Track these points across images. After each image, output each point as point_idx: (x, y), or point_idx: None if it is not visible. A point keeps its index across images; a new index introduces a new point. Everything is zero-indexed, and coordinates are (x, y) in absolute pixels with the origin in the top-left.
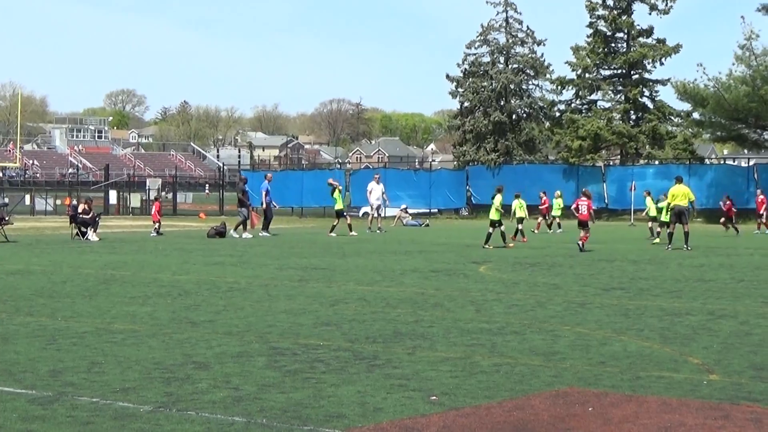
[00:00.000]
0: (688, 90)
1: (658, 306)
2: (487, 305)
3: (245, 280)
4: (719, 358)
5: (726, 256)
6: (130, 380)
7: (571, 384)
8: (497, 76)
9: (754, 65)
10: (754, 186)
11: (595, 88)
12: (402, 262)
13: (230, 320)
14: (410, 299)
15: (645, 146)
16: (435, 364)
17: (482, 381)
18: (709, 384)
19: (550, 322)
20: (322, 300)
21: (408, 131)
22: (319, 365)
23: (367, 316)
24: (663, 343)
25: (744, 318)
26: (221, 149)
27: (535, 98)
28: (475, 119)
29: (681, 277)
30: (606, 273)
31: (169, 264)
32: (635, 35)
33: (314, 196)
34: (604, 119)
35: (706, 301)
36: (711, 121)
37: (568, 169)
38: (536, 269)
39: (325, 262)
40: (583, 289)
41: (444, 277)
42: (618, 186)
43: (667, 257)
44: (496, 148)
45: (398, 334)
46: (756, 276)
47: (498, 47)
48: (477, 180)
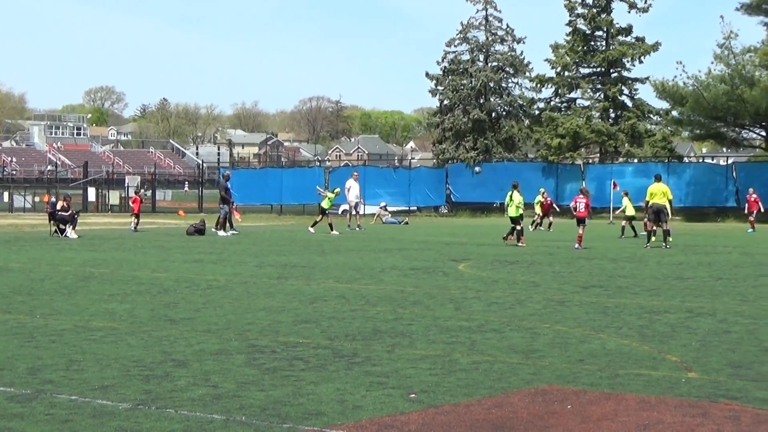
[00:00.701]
0: (667, 88)
1: (636, 304)
2: (466, 303)
3: (224, 277)
4: (697, 356)
5: (704, 255)
6: (109, 378)
7: (550, 382)
8: (477, 74)
9: (732, 64)
10: (732, 184)
11: (574, 86)
12: (381, 260)
13: (209, 318)
14: (389, 297)
15: (624, 144)
16: (414, 362)
17: (461, 379)
18: (688, 382)
19: (529, 320)
20: (301, 298)
21: (388, 129)
22: (298, 363)
23: (346, 314)
24: (642, 341)
25: (722, 316)
26: (200, 147)
27: (515, 96)
28: (455, 117)
29: (660, 275)
30: (585, 271)
31: (148, 261)
32: (614, 33)
33: (293, 193)
34: (584, 117)
35: (685, 299)
36: (690, 119)
37: (547, 167)
38: (515, 267)
39: (304, 260)
40: (562, 287)
41: (423, 275)
42: (597, 184)
43: (646, 255)
44: (475, 146)
45: (377, 332)
46: (734, 274)
47: (478, 45)
48: (456, 178)
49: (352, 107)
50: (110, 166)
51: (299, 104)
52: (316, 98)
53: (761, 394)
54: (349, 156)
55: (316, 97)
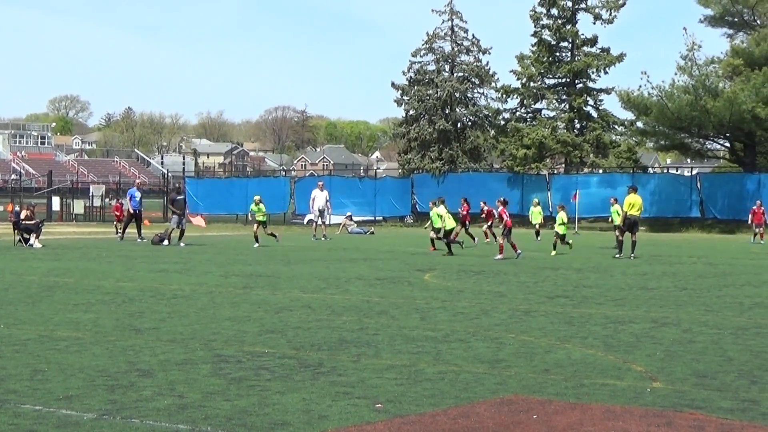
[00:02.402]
0: (632, 99)
1: (602, 314)
2: (431, 313)
3: (189, 287)
4: (662, 366)
5: (669, 265)
6: (74, 388)
7: (516, 391)
8: (442, 85)
9: (696, 75)
10: (696, 195)
11: (539, 96)
12: (347, 270)
13: (174, 327)
14: (355, 307)
15: (589, 155)
16: (380, 372)
17: (427, 388)
18: (653, 391)
19: (494, 330)
20: (266, 307)
21: (353, 139)
22: (264, 373)
23: (312, 324)
24: (607, 351)
25: (687, 326)
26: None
27: (480, 107)
28: (420, 127)
29: (625, 285)
30: (550, 281)
31: (113, 271)
32: (579, 44)
33: None
34: (549, 128)
35: (650, 309)
36: (654, 129)
37: (512, 177)
38: (481, 277)
39: (269, 270)
40: (528, 297)
41: (389, 285)
42: (563, 194)
43: (611, 265)
44: (440, 156)
45: (343, 342)
46: (698, 284)
47: (443, 55)
48: (422, 188)
49: (318, 117)
50: (75, 176)
51: (264, 114)
52: (281, 108)
53: (726, 404)
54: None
55: (282, 107)
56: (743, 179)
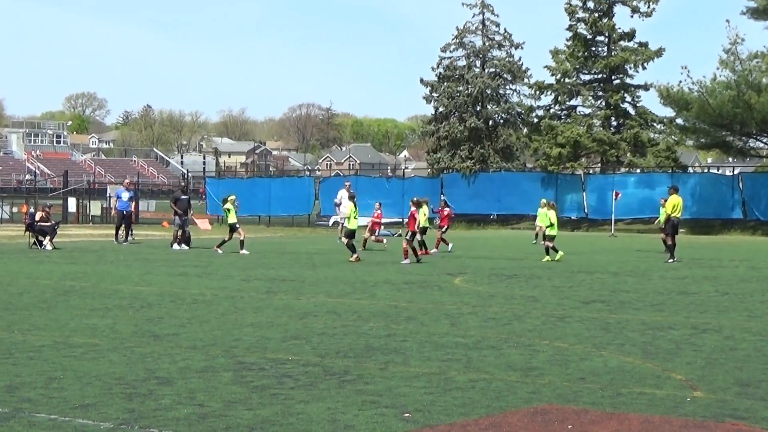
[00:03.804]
0: (672, 94)
1: (639, 320)
2: (462, 318)
3: (210, 291)
4: (703, 374)
5: (710, 269)
6: (90, 396)
7: (550, 401)
8: (473, 81)
9: (739, 70)
10: (738, 195)
11: (574, 93)
12: (374, 274)
13: (195, 334)
14: (383, 312)
15: (626, 154)
16: (408, 380)
17: (457, 397)
18: (693, 401)
19: (527, 336)
20: (290, 313)
21: (380, 137)
22: (287, 381)
23: (337, 330)
24: (645, 359)
25: (729, 332)
26: (185, 155)
27: (513, 104)
28: (450, 125)
29: (663, 289)
30: (586, 285)
31: (131, 275)
32: (616, 39)
33: (282, 204)
34: (584, 126)
35: (690, 315)
36: (695, 127)
37: (546, 177)
38: (513, 281)
39: (293, 274)
40: (562, 302)
41: (417, 289)
42: (598, 195)
43: (649, 269)
44: (471, 155)
45: (370, 349)
46: (741, 289)
47: (474, 51)
48: (452, 188)
49: (344, 115)
50: (91, 176)
51: (288, 112)
52: (305, 105)
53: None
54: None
55: (306, 104)
56: None
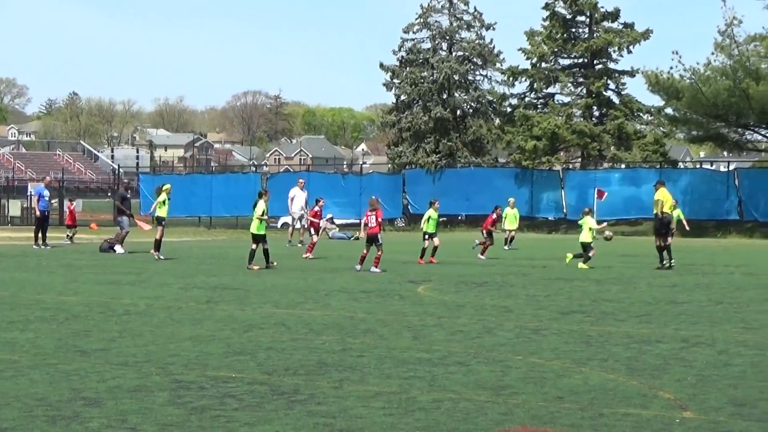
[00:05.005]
0: (661, 81)
1: (624, 332)
2: (426, 331)
3: (144, 301)
4: (694, 393)
5: (702, 275)
6: (8, 419)
7: (524, 422)
8: (439, 66)
9: (735, 55)
10: (734, 194)
11: (552, 79)
12: (327, 282)
13: (126, 349)
14: (337, 324)
15: (609, 147)
16: (366, 400)
17: (420, 419)
18: (683, 422)
19: (499, 351)
20: (233, 325)
21: (335, 129)
22: (230, 401)
23: (286, 344)
24: (630, 375)
25: (722, 346)
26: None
27: (483, 91)
28: (413, 115)
29: (651, 298)
30: (564, 294)
31: (55, 283)
32: (599, 19)
33: (225, 203)
34: (563, 116)
35: (680, 327)
36: (686, 117)
37: (520, 173)
38: (483, 289)
39: (237, 281)
40: (538, 312)
41: (376, 299)
42: (578, 193)
43: (635, 276)
44: (437, 148)
45: (323, 365)
46: (736, 297)
47: (440, 32)
48: (415, 186)
49: (294, 103)
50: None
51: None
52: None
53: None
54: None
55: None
56: None
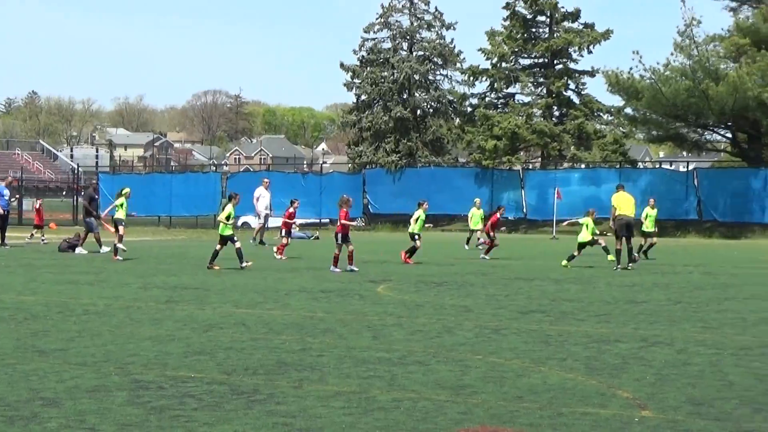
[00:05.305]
0: (621, 81)
1: (583, 332)
2: (385, 331)
3: (103, 301)
4: (653, 392)
5: (662, 275)
6: None
7: (483, 422)
8: (399, 65)
9: (695, 55)
10: (694, 194)
11: (512, 79)
12: (287, 281)
13: (85, 349)
14: (297, 324)
15: (569, 147)
16: (325, 400)
17: (380, 419)
18: (642, 421)
19: (458, 351)
20: (193, 325)
21: (295, 128)
22: (189, 401)
23: (246, 344)
24: (588, 375)
25: (681, 345)
26: (76, 148)
27: (444, 91)
28: (374, 115)
29: (610, 298)
30: (524, 294)
31: (13, 283)
32: (559, 19)
33: (185, 203)
34: (523, 116)
35: (639, 326)
36: (646, 117)
37: (480, 173)
38: (443, 289)
39: (197, 281)
40: (498, 312)
41: (336, 299)
42: (538, 193)
43: (594, 276)
44: (397, 148)
45: (282, 365)
46: (695, 297)
47: (401, 31)
48: (375, 185)
49: (254, 103)
50: None
51: (192, 99)
52: (211, 92)
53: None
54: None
55: (212, 91)
56: (747, 175)
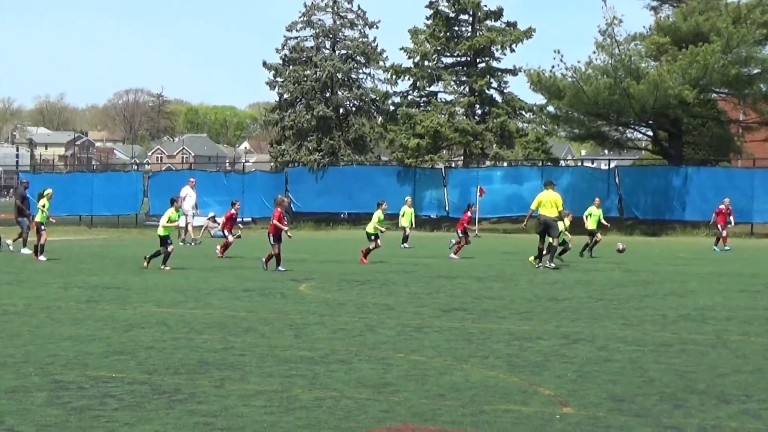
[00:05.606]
0: (543, 80)
1: (505, 329)
2: (308, 330)
3: (23, 301)
4: (574, 389)
5: (583, 272)
6: None
7: (405, 420)
8: (322, 64)
9: (616, 54)
10: (615, 191)
11: (435, 78)
12: (209, 280)
13: (4, 349)
14: (219, 323)
15: (492, 145)
16: (247, 399)
17: (301, 418)
18: (563, 418)
19: (380, 349)
20: (114, 325)
21: (218, 127)
22: (110, 401)
23: (167, 344)
24: (510, 372)
25: (602, 342)
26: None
27: (366, 90)
28: (296, 113)
29: (532, 296)
30: (446, 292)
31: None
32: (482, 18)
33: (106, 202)
34: (446, 114)
35: (560, 324)
36: (567, 116)
37: (403, 171)
38: (366, 287)
39: (118, 280)
40: (420, 310)
41: (258, 298)
42: (461, 191)
43: (516, 274)
44: (319, 147)
45: (204, 364)
46: (616, 294)
47: (324, 30)
48: (298, 184)
49: (176, 102)
50: None
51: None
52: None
53: (645, 431)
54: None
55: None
56: (668, 173)
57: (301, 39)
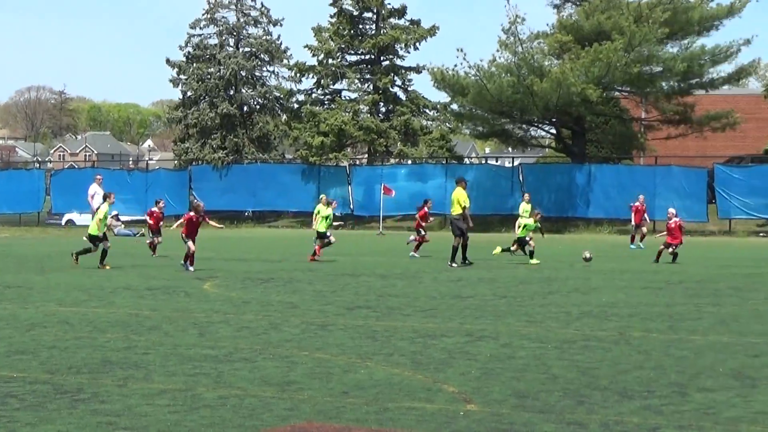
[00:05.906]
0: (446, 78)
1: (409, 327)
2: (212, 328)
3: None
4: (478, 386)
5: (487, 269)
6: None
7: (310, 418)
8: (226, 62)
9: (519, 52)
10: (519, 189)
11: (339, 76)
12: (112, 279)
13: None
14: (122, 322)
15: (396, 143)
16: (150, 398)
17: (206, 416)
18: (467, 415)
19: (285, 347)
20: (15, 324)
21: (121, 125)
22: (11, 401)
23: (70, 343)
24: (415, 370)
25: (506, 339)
26: None
27: (270, 87)
28: (200, 111)
29: (436, 293)
30: (350, 290)
31: None
32: (386, 16)
33: (8, 200)
34: (350, 112)
35: (464, 321)
36: (471, 113)
37: (307, 169)
38: (270, 285)
39: (20, 279)
40: (324, 308)
41: (162, 296)
42: (365, 189)
43: (420, 271)
44: (223, 144)
45: (107, 363)
46: (520, 291)
47: (227, 28)
48: (201, 182)
49: (79, 99)
50: None
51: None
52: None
53: (549, 427)
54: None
55: (36, 87)
56: (572, 171)
57: (204, 36)
